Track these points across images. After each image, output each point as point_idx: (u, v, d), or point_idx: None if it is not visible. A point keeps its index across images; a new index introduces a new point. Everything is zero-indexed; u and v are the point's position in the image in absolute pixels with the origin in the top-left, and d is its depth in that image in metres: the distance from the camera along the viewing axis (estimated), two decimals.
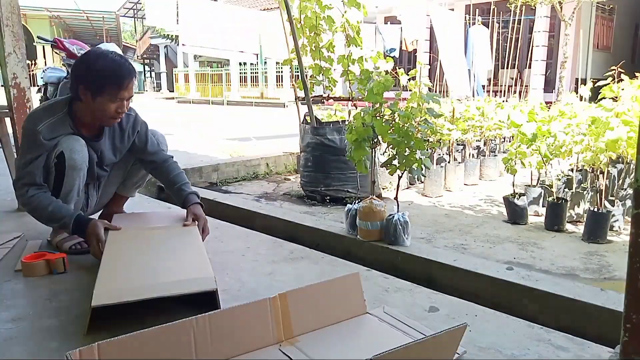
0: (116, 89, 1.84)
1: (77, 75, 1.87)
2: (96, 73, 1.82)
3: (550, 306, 1.74)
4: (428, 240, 3.05)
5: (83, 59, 1.91)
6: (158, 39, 26.75)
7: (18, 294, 1.70)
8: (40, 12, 17.05)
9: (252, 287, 1.79)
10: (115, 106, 1.87)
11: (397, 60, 8.22)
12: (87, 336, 1.39)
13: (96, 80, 1.82)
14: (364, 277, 1.89)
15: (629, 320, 0.91)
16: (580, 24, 10.88)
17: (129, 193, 2.39)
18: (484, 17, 8.66)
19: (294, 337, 1.32)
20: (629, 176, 3.70)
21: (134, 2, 26.57)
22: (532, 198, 3.65)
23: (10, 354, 1.32)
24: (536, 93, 11.67)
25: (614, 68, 3.39)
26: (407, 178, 4.63)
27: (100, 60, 1.83)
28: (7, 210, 2.82)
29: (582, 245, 3.02)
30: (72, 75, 1.90)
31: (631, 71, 3.51)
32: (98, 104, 1.85)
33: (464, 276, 1.99)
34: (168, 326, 1.16)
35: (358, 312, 1.46)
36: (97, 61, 1.83)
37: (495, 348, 1.37)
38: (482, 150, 5.43)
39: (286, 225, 2.78)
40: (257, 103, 18.16)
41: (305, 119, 4.16)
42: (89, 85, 1.83)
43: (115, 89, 1.83)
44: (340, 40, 4.10)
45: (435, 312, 1.60)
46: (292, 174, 5.31)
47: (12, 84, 2.65)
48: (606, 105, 3.15)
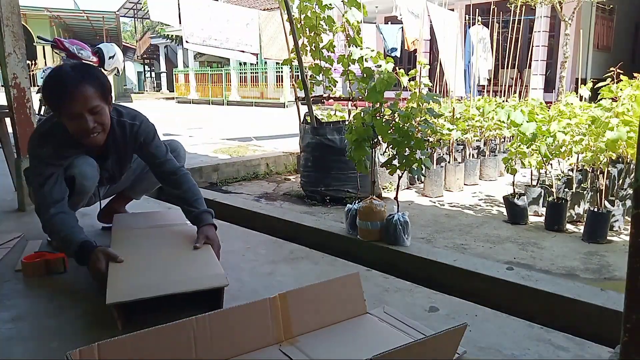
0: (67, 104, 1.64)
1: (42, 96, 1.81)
2: (47, 94, 1.69)
3: (550, 306, 1.74)
4: (428, 240, 3.05)
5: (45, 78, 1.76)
6: (158, 39, 26.76)
7: (18, 294, 1.70)
8: (40, 12, 17.04)
9: (252, 287, 1.79)
10: (75, 124, 1.68)
11: (397, 61, 8.21)
12: (86, 336, 1.40)
13: (50, 102, 1.70)
14: (364, 277, 1.89)
15: (629, 320, 0.91)
16: (580, 24, 10.88)
17: (135, 196, 2.39)
18: (484, 17, 8.65)
19: (294, 337, 1.32)
20: (629, 176, 3.70)
21: (134, 2, 26.58)
22: (532, 198, 3.65)
23: (10, 354, 1.33)
24: (536, 93, 11.67)
25: (613, 69, 3.39)
26: (407, 178, 4.63)
27: (52, 77, 1.68)
28: (7, 210, 2.82)
29: (582, 245, 3.02)
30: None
31: (631, 71, 3.50)
32: (66, 124, 1.70)
33: (464, 276, 1.99)
34: (168, 326, 1.16)
35: (358, 312, 1.46)
36: (49, 79, 1.69)
37: (495, 348, 1.37)
38: (482, 150, 5.43)
39: (286, 225, 2.78)
40: (257, 103, 18.16)
41: (305, 119, 4.16)
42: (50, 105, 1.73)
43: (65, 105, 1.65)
44: (341, 40, 4.10)
45: (435, 312, 1.60)
46: (292, 174, 5.31)
47: (12, 84, 2.65)
48: (605, 105, 3.15)
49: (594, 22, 12.76)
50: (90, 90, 1.66)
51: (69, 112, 1.66)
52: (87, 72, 1.70)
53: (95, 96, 1.67)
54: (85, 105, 1.65)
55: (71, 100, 1.63)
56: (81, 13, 18.08)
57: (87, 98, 1.65)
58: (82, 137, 1.72)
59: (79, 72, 1.67)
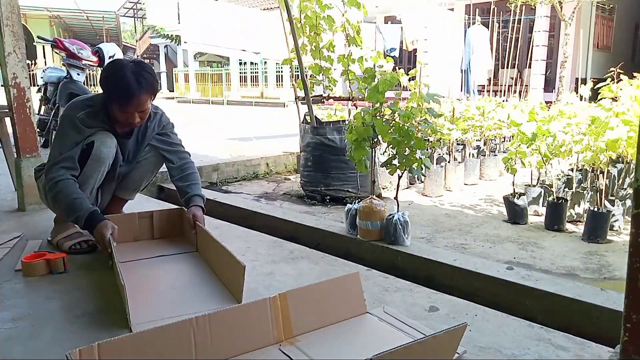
0: (124, 104, 1.92)
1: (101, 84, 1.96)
2: (108, 85, 1.94)
3: (550, 306, 1.74)
4: (428, 240, 3.05)
5: (107, 67, 2.00)
6: (158, 39, 26.73)
7: (18, 294, 1.70)
8: (40, 12, 17.05)
9: (252, 286, 1.79)
10: (124, 116, 1.95)
11: (397, 60, 8.21)
12: (86, 336, 1.40)
13: (108, 91, 1.95)
14: (364, 277, 1.89)
15: (629, 320, 0.91)
16: (580, 24, 10.88)
17: (128, 196, 2.39)
18: (484, 17, 8.65)
19: (294, 336, 1.32)
20: (629, 176, 3.70)
21: (134, 2, 26.55)
22: (532, 198, 3.65)
23: (10, 354, 1.32)
24: (536, 93, 11.66)
25: (613, 68, 3.39)
26: (407, 178, 4.63)
27: (116, 74, 1.90)
28: (7, 210, 2.82)
29: (582, 245, 3.02)
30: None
31: (631, 71, 3.50)
32: (112, 110, 1.97)
33: (464, 276, 1.99)
34: (168, 326, 1.16)
35: (358, 311, 1.46)
36: (113, 74, 1.92)
37: (495, 348, 1.37)
38: (482, 150, 5.43)
39: (286, 225, 2.78)
40: (257, 103, 18.16)
41: (305, 119, 4.16)
42: (105, 92, 1.96)
43: (123, 104, 1.92)
44: (341, 40, 4.10)
45: (435, 311, 1.60)
46: (292, 173, 5.31)
47: (12, 83, 2.65)
48: (605, 105, 3.16)
49: (594, 21, 12.76)
50: (146, 97, 1.93)
51: (124, 109, 1.92)
52: (146, 80, 1.91)
53: (148, 100, 1.95)
54: (138, 108, 1.93)
55: (129, 104, 1.90)
56: (81, 13, 18.09)
57: (142, 104, 1.93)
58: (126, 125, 2.01)
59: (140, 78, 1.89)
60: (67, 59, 5.03)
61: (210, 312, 1.23)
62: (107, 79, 1.94)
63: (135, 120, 1.97)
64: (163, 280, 1.82)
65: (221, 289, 1.68)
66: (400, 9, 6.96)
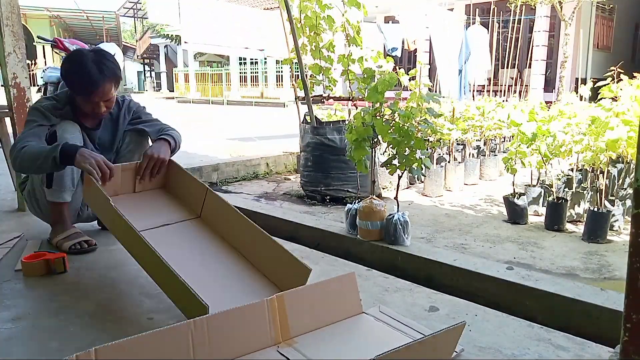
0: (88, 94, 1.92)
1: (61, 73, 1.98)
2: (70, 77, 1.94)
3: (550, 306, 1.74)
4: (428, 240, 3.05)
5: (66, 59, 1.99)
6: (158, 39, 26.75)
7: (18, 294, 1.70)
8: (40, 12, 17.04)
9: None
10: (90, 106, 1.96)
11: (397, 60, 8.21)
12: (86, 336, 1.40)
13: (70, 84, 1.96)
14: (364, 277, 1.89)
15: (629, 320, 0.91)
16: (580, 24, 10.88)
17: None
18: (484, 17, 8.65)
19: (291, 338, 1.32)
20: (629, 176, 3.70)
21: (134, 2, 26.55)
22: (532, 198, 3.65)
23: (10, 354, 1.32)
24: (536, 93, 11.66)
25: (613, 68, 3.39)
26: (407, 178, 4.63)
27: (77, 65, 1.90)
28: (7, 210, 2.82)
29: (582, 245, 3.02)
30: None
31: (631, 71, 3.50)
32: (78, 101, 1.99)
33: (464, 276, 1.99)
34: (166, 329, 1.16)
35: (354, 311, 1.46)
36: (73, 65, 1.92)
37: (495, 348, 1.37)
38: (482, 150, 5.43)
39: (286, 225, 2.78)
40: (257, 103, 18.15)
41: (305, 119, 4.16)
42: (68, 85, 1.98)
43: (87, 94, 1.92)
44: (341, 40, 4.10)
45: (435, 311, 1.60)
46: (292, 173, 5.31)
47: (12, 83, 2.65)
48: (605, 105, 3.15)
49: (594, 22, 12.76)
50: (110, 85, 1.92)
51: (89, 99, 1.92)
52: (108, 68, 1.91)
53: (112, 89, 1.95)
54: (102, 97, 1.93)
55: (93, 94, 1.90)
56: (81, 13, 18.08)
57: (107, 92, 1.93)
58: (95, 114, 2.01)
59: (101, 66, 1.89)
60: None
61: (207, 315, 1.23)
62: (68, 70, 1.94)
63: (102, 110, 1.97)
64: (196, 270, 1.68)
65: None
66: (400, 9, 6.95)
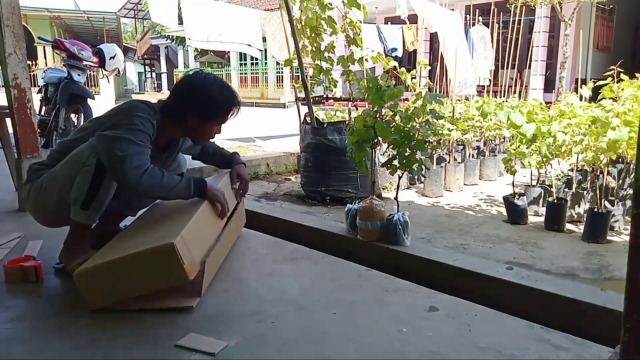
0: (226, 117, 1.92)
1: (189, 101, 1.84)
2: (214, 103, 1.86)
3: (550, 306, 1.74)
4: (428, 240, 3.05)
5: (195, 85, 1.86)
6: (159, 40, 26.75)
7: (18, 294, 1.71)
8: (40, 13, 17.00)
9: (252, 286, 1.80)
10: (217, 129, 1.96)
11: (398, 61, 8.21)
12: (86, 336, 1.40)
13: (212, 109, 1.87)
14: (364, 277, 1.89)
15: (629, 320, 0.91)
16: (580, 24, 10.87)
17: (130, 212, 2.25)
18: (484, 18, 8.64)
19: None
20: (629, 176, 3.70)
21: (135, 3, 26.58)
22: (532, 198, 3.65)
23: (10, 354, 1.33)
24: (536, 93, 11.66)
25: (614, 68, 3.38)
26: (407, 178, 4.63)
27: (215, 90, 1.85)
28: (8, 210, 2.82)
29: (582, 245, 3.02)
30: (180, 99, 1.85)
31: (631, 71, 3.50)
32: (205, 128, 1.91)
33: (464, 276, 1.99)
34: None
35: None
36: (212, 90, 1.85)
37: (495, 348, 1.37)
38: (482, 150, 5.43)
39: (286, 226, 2.78)
40: (258, 103, 18.16)
41: (305, 120, 4.16)
42: (202, 112, 1.85)
43: (225, 117, 1.92)
44: (341, 41, 4.10)
45: (435, 311, 1.60)
46: (292, 174, 5.31)
47: (12, 84, 2.65)
48: (606, 105, 3.15)
49: (594, 22, 12.75)
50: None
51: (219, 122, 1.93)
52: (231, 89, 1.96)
53: None
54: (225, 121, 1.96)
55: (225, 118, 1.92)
56: (82, 13, 18.05)
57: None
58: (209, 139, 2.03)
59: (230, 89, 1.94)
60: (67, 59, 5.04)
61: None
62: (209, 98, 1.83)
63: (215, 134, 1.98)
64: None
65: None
66: (401, 8, 6.93)
